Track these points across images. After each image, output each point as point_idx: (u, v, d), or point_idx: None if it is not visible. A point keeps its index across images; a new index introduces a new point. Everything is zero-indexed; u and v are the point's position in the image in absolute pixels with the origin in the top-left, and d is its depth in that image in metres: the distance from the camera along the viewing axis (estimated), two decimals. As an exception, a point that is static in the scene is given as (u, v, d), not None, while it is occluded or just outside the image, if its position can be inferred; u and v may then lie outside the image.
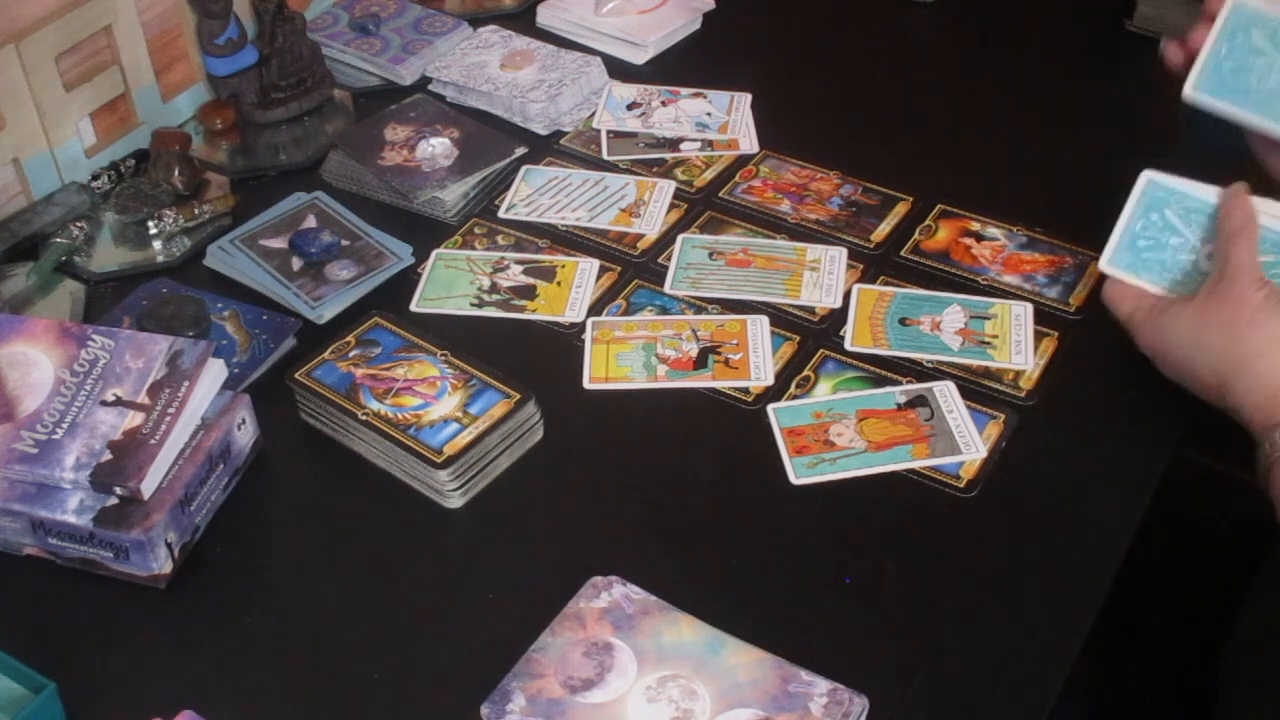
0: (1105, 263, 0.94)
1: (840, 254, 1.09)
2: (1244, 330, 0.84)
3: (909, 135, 1.25)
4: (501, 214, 1.14)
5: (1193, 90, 0.92)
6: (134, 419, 0.86)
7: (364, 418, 0.91)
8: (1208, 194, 0.91)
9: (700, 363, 0.99)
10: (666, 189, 1.16)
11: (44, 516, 0.84)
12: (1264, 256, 0.88)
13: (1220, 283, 0.86)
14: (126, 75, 1.17)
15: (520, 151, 1.18)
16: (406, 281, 1.07)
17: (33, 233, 1.09)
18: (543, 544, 0.88)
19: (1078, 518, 0.89)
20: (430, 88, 1.29)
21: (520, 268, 1.08)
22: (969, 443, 0.92)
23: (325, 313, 1.02)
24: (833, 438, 0.93)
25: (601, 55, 1.31)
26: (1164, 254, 0.92)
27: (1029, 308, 1.03)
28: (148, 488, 0.84)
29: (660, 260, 1.09)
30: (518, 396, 0.92)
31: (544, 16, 1.38)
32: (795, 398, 0.97)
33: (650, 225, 1.12)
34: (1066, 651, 0.80)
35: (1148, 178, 0.93)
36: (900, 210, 1.14)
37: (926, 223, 1.12)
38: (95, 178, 1.16)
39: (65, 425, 0.86)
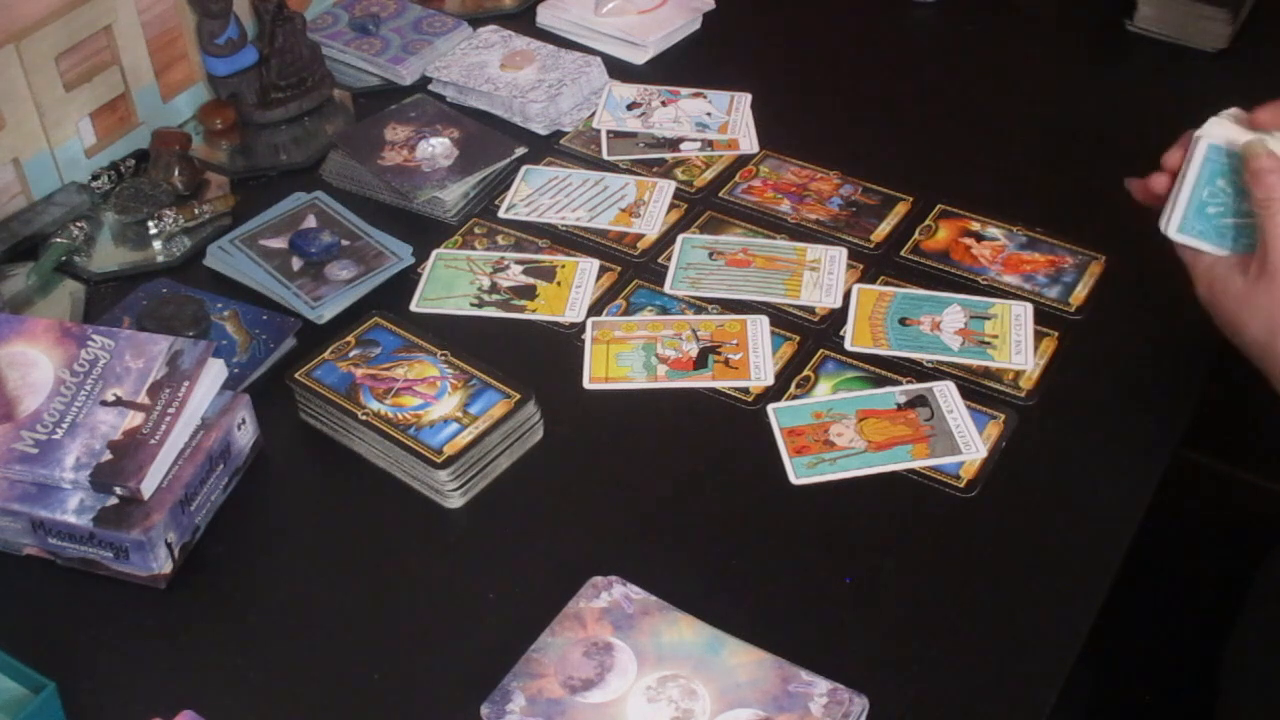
0: (1174, 230, 0.88)
1: (840, 254, 1.09)
2: None
3: (909, 135, 1.25)
4: (501, 214, 1.14)
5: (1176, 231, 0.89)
6: (134, 419, 0.86)
7: (364, 418, 0.91)
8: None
9: (700, 363, 0.99)
10: (666, 189, 1.16)
11: (44, 516, 0.84)
12: None
13: (1267, 264, 0.82)
14: (126, 75, 1.17)
15: (520, 151, 1.18)
16: (406, 281, 1.07)
17: (33, 233, 1.09)
18: (543, 544, 0.88)
19: (1078, 518, 0.89)
20: (430, 88, 1.29)
21: (520, 268, 1.08)
22: (969, 443, 0.92)
23: (325, 313, 1.02)
24: (833, 438, 0.93)
25: (601, 55, 1.31)
26: (1240, 220, 0.87)
27: (1029, 308, 1.03)
28: (148, 488, 0.84)
29: (660, 260, 1.09)
30: (518, 396, 0.92)
31: (544, 16, 1.38)
32: (795, 398, 0.97)
33: (650, 225, 1.12)
34: (1066, 651, 0.80)
35: (1206, 143, 0.88)
36: (900, 210, 1.14)
37: (926, 223, 1.12)
38: (95, 178, 1.16)
39: (65, 425, 0.86)
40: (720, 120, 1.24)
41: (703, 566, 0.86)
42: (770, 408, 0.96)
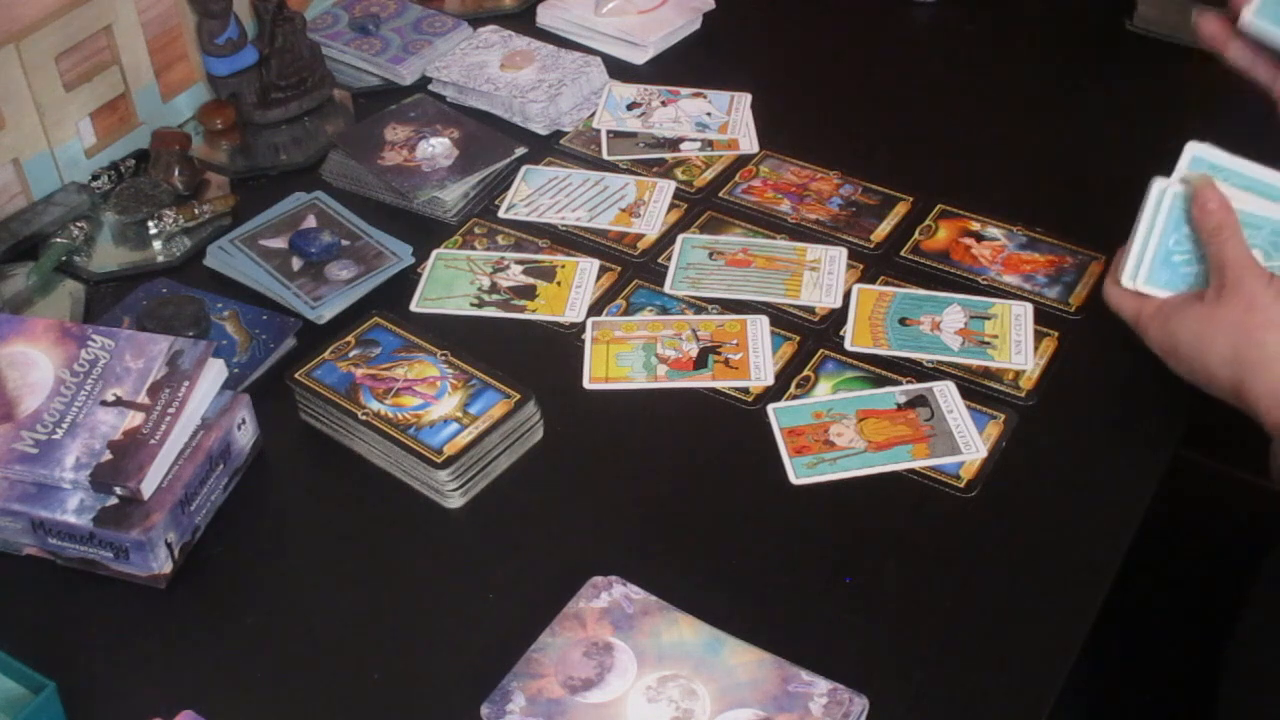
0: (1143, 282, 0.91)
1: (840, 254, 1.09)
2: (1258, 331, 0.83)
3: (909, 135, 1.25)
4: (501, 214, 1.14)
5: (1254, 16, 0.90)
6: (134, 419, 0.86)
7: (364, 418, 0.91)
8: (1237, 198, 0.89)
9: (700, 363, 0.99)
10: (666, 189, 1.16)
11: (44, 516, 0.84)
12: (1258, 252, 0.87)
13: (1225, 284, 0.85)
14: (126, 75, 1.17)
15: (520, 151, 1.18)
16: (406, 281, 1.07)
17: (33, 233, 1.09)
18: (543, 544, 0.88)
19: (1078, 518, 0.89)
20: (430, 88, 1.29)
21: (520, 268, 1.08)
22: (969, 443, 0.92)
23: (325, 313, 1.02)
24: (833, 438, 0.93)
25: (601, 55, 1.31)
26: (1202, 265, 0.89)
27: (1029, 308, 1.03)
28: (148, 488, 0.84)
29: (660, 260, 1.09)
30: (518, 396, 0.92)
31: (544, 16, 1.38)
32: (795, 398, 0.97)
33: (650, 225, 1.12)
34: (1066, 651, 0.80)
35: (1173, 193, 0.90)
36: (900, 210, 1.14)
37: (926, 223, 1.12)
38: (95, 178, 1.16)
39: (65, 425, 0.86)
40: (720, 120, 1.24)
41: (703, 566, 0.86)
42: (770, 408, 0.96)
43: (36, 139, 1.11)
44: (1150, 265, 0.90)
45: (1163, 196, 0.90)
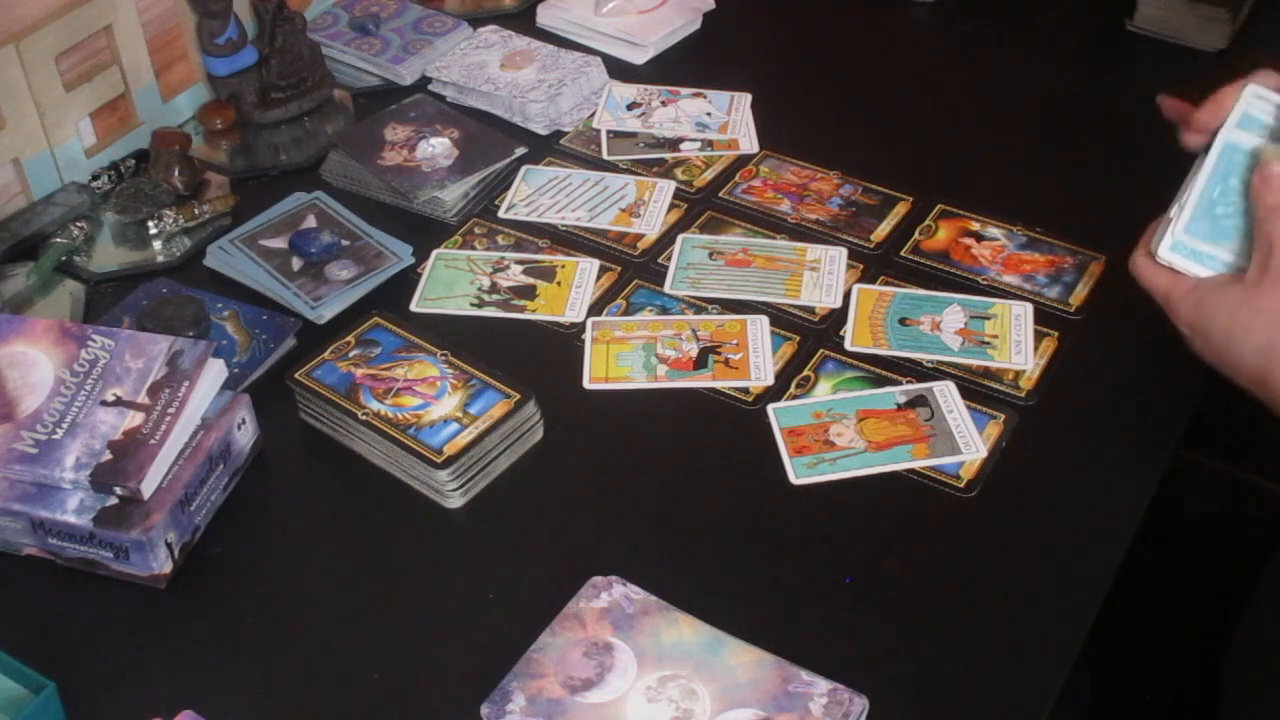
0: (1183, 231, 0.83)
1: (840, 254, 1.09)
2: None
3: (909, 135, 1.25)
4: (501, 214, 1.14)
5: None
6: (134, 419, 0.86)
7: (364, 418, 0.91)
8: None
9: (700, 363, 0.99)
10: (666, 189, 1.16)
11: (44, 516, 0.84)
12: None
13: (1270, 269, 0.79)
14: (126, 75, 1.17)
15: (520, 151, 1.18)
16: (406, 281, 1.07)
17: (33, 233, 1.09)
18: (543, 544, 0.88)
19: (1078, 517, 0.89)
20: (430, 88, 1.29)
21: (520, 268, 1.08)
22: (969, 443, 0.92)
23: (325, 313, 1.02)
24: (833, 438, 0.93)
25: (601, 55, 1.31)
26: (1246, 224, 0.82)
27: (1029, 308, 1.03)
28: (148, 488, 0.84)
29: (660, 260, 1.09)
30: (518, 396, 0.92)
31: (544, 16, 1.38)
32: (795, 398, 0.97)
33: (650, 225, 1.12)
34: (1066, 651, 0.80)
35: (1224, 140, 0.84)
36: (900, 210, 1.14)
37: (926, 223, 1.12)
38: (95, 178, 1.16)
39: (65, 425, 0.86)
40: (720, 120, 1.24)
41: (703, 566, 0.86)
42: (770, 408, 0.96)
43: (36, 139, 1.11)
44: (1190, 216, 0.83)
45: (1217, 145, 0.84)
